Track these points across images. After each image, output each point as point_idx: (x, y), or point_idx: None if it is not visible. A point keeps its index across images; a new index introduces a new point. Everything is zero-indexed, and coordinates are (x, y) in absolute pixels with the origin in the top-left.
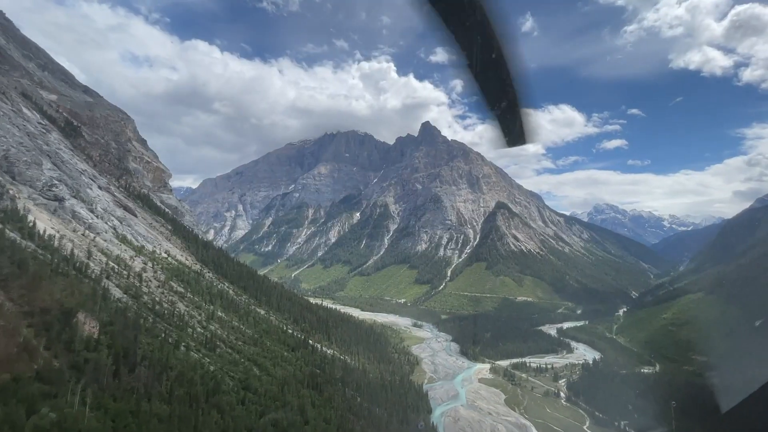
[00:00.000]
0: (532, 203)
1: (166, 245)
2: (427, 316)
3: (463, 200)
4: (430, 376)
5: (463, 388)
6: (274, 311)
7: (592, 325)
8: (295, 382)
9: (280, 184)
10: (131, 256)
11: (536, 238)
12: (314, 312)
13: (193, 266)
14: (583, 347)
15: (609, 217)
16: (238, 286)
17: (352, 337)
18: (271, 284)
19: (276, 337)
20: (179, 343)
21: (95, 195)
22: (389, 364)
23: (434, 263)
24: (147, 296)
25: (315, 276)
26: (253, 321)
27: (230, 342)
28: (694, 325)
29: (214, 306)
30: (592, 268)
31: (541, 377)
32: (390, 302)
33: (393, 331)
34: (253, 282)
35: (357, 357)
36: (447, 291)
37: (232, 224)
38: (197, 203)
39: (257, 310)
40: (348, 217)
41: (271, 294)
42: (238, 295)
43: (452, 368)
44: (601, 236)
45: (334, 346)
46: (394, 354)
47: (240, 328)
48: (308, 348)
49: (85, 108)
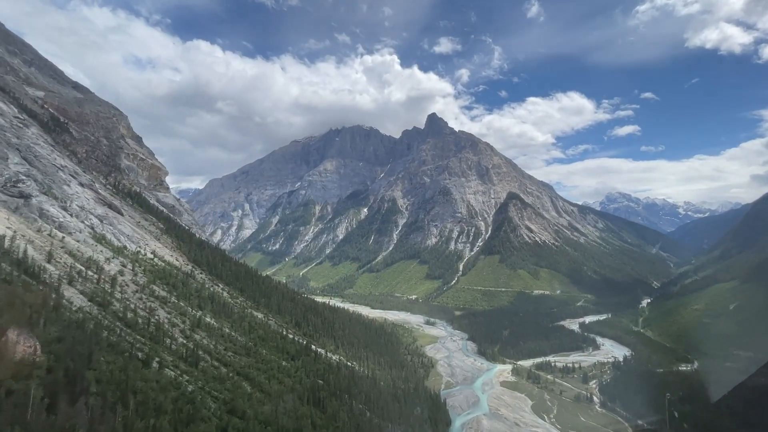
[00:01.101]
0: (544, 193)
1: (154, 245)
2: (440, 313)
3: (473, 192)
4: (447, 380)
5: (484, 393)
6: (273, 314)
7: (615, 318)
8: (293, 399)
9: (286, 181)
10: (107, 258)
11: (550, 229)
12: (319, 313)
13: (184, 267)
14: (610, 343)
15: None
16: (235, 287)
17: (361, 339)
18: (272, 285)
19: (274, 345)
20: (151, 359)
21: (73, 192)
22: (402, 369)
23: (445, 257)
24: (119, 303)
25: (323, 274)
26: (248, 327)
27: (218, 353)
28: (733, 316)
29: (203, 311)
30: (610, 258)
31: (569, 378)
32: (401, 299)
33: (405, 330)
34: (251, 283)
35: (366, 362)
36: (459, 286)
37: (239, 224)
38: (204, 203)
39: (254, 313)
40: (355, 213)
41: (272, 295)
42: (234, 297)
43: (470, 371)
44: (616, 225)
45: (341, 350)
46: (407, 356)
47: (231, 336)
48: (311, 355)
49: (74, 104)
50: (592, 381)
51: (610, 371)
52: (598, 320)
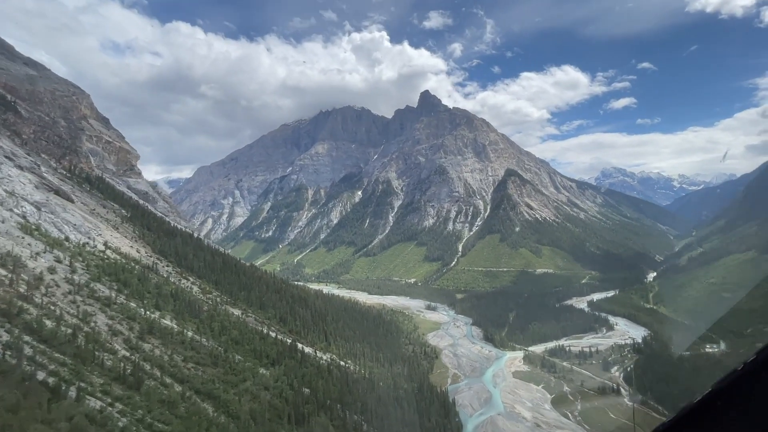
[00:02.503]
0: (542, 169)
1: (109, 235)
2: (441, 297)
3: (470, 170)
4: (453, 372)
5: (496, 387)
6: (254, 310)
7: (624, 295)
8: (269, 418)
9: (277, 167)
10: (36, 253)
11: (550, 206)
12: (309, 305)
13: (145, 259)
14: (624, 322)
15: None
16: (209, 280)
17: (357, 331)
18: (256, 275)
19: (250, 348)
20: (68, 386)
21: (3, 176)
22: (404, 364)
23: (444, 238)
24: (38, 310)
25: (318, 260)
26: (220, 327)
27: (173, 366)
28: (758, 290)
29: (161, 312)
30: (611, 233)
31: (588, 365)
32: (399, 283)
33: (405, 316)
34: (230, 274)
35: (363, 359)
36: (459, 267)
37: (230, 212)
38: (193, 192)
39: (230, 310)
40: (349, 197)
41: (253, 288)
42: (206, 292)
43: (478, 360)
44: (614, 200)
45: (333, 347)
46: (408, 346)
47: (195, 342)
48: (296, 357)
49: (24, 81)
50: (614, 367)
51: (630, 356)
52: (606, 297)
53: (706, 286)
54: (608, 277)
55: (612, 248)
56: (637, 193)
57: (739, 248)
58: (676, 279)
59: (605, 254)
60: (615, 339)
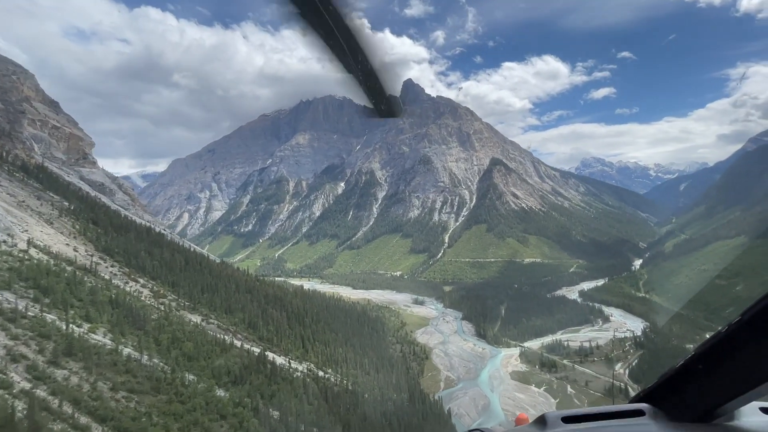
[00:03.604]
0: (526, 158)
1: (38, 231)
2: (428, 290)
3: (454, 159)
4: (446, 375)
5: (494, 392)
6: (218, 315)
7: (614, 284)
8: None
9: (257, 158)
10: None
11: (535, 195)
12: (285, 305)
13: (82, 259)
14: (618, 313)
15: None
16: (164, 282)
17: (340, 332)
18: (224, 273)
19: (207, 364)
20: None
21: None
22: (391, 369)
23: (429, 229)
24: None
25: (300, 254)
26: (169, 340)
27: (94, 398)
28: (755, 276)
29: (92, 324)
30: (595, 221)
31: (589, 363)
32: (384, 276)
33: (391, 312)
34: (193, 273)
35: (345, 367)
36: (446, 259)
37: (208, 205)
38: (167, 186)
39: (187, 317)
40: (332, 188)
41: (219, 288)
42: (159, 296)
43: (472, 359)
44: (596, 188)
45: (311, 354)
46: (396, 345)
47: (133, 361)
48: (265, 370)
49: None
50: (617, 364)
51: (633, 350)
52: (596, 286)
53: (698, 273)
54: (595, 266)
55: (597, 236)
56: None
57: (728, 234)
58: (665, 266)
59: (591, 242)
60: (613, 331)
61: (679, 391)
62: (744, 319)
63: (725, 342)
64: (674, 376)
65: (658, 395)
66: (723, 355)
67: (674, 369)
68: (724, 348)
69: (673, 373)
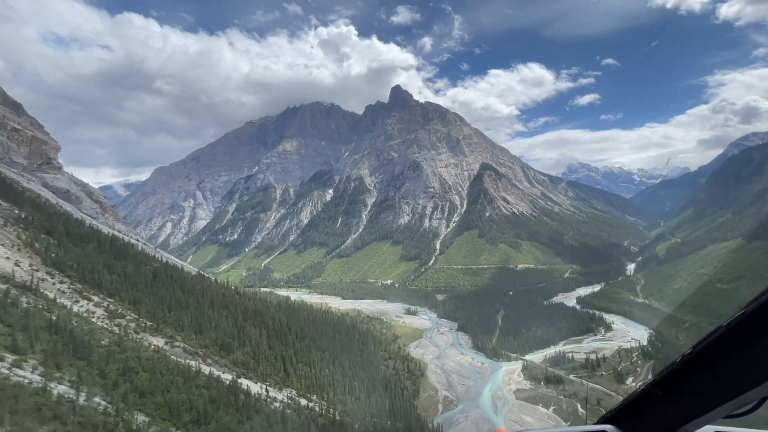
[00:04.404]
0: (516, 164)
1: None
2: (421, 298)
3: (444, 165)
4: (444, 395)
5: (498, 414)
6: (186, 336)
7: (611, 289)
8: None
9: (243, 166)
10: None
11: (526, 200)
12: (266, 321)
13: (23, 276)
14: (620, 320)
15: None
16: (125, 299)
17: (327, 349)
18: (199, 287)
19: (164, 399)
20: None
21: None
22: (384, 392)
23: (420, 236)
24: None
25: (288, 263)
26: (119, 371)
27: None
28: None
29: (19, 356)
30: (586, 225)
31: (598, 377)
32: (374, 285)
33: (382, 324)
34: (160, 288)
35: (332, 392)
36: (438, 266)
37: (192, 214)
38: (150, 195)
39: (148, 340)
40: (320, 195)
41: (187, 305)
42: (115, 317)
43: (471, 375)
44: (585, 193)
45: (294, 379)
46: (388, 361)
47: (65, 402)
48: (237, 403)
49: None
50: (629, 378)
51: (641, 361)
52: (593, 292)
53: (697, 277)
54: (590, 271)
55: (589, 240)
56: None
57: (723, 236)
58: (661, 270)
59: (583, 247)
60: (617, 341)
61: (641, 413)
62: (695, 351)
63: (681, 369)
64: (637, 399)
65: (622, 416)
66: (679, 381)
67: (637, 392)
68: (679, 375)
69: (636, 396)
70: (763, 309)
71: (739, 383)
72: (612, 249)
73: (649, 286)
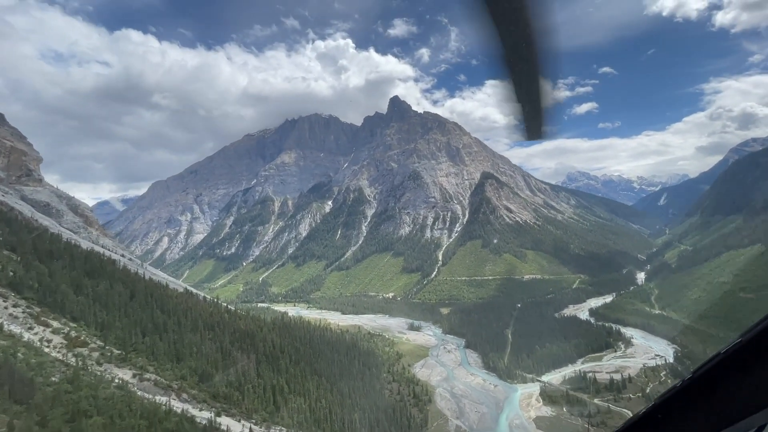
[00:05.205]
0: (517, 172)
1: None
2: (424, 312)
3: (444, 174)
4: (455, 425)
5: None
6: (160, 365)
7: (624, 300)
8: None
9: (241, 179)
10: None
11: (529, 208)
12: (256, 343)
13: None
14: (639, 334)
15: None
16: (91, 323)
17: (325, 374)
18: (182, 306)
19: None
20: None
21: None
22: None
23: (421, 247)
24: None
25: (286, 277)
26: (68, 415)
27: None
28: None
29: None
30: (591, 233)
31: (626, 401)
32: (376, 298)
33: (385, 341)
34: (135, 309)
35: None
36: (441, 278)
37: (189, 228)
38: (146, 209)
39: (112, 373)
40: (319, 207)
41: (166, 329)
42: (77, 345)
43: (484, 400)
44: (587, 201)
45: (284, 413)
46: (392, 384)
47: None
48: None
49: None
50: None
51: (670, 381)
52: (605, 303)
53: (716, 286)
54: (599, 280)
55: (595, 249)
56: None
57: (740, 243)
58: (674, 279)
59: (590, 255)
60: (640, 358)
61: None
62: (695, 375)
63: (681, 394)
64: (638, 422)
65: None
66: (680, 405)
67: (638, 415)
68: (680, 399)
69: (638, 419)
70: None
71: (739, 409)
72: (619, 257)
73: (665, 297)
